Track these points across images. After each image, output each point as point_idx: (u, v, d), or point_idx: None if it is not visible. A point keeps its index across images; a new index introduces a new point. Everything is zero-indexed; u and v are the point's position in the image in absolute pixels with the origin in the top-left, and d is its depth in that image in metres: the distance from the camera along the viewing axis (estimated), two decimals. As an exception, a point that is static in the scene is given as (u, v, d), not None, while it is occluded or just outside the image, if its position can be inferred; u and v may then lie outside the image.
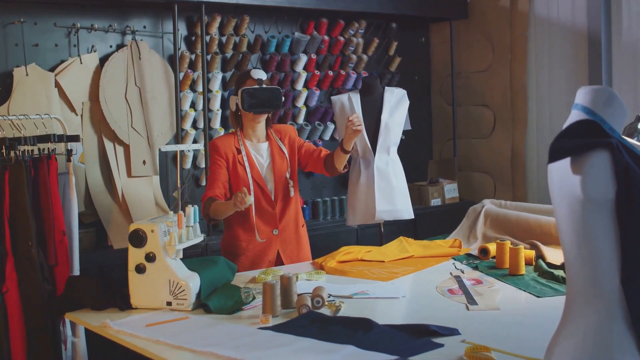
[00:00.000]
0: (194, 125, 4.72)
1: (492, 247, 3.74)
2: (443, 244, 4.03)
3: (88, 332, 3.65)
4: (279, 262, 3.72)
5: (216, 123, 4.79)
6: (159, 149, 4.09)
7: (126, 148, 4.34)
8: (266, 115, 3.67)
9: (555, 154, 1.60)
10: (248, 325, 2.63)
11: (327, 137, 5.40)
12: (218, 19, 4.71)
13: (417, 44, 6.09)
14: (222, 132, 4.80)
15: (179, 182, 2.92)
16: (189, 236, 2.94)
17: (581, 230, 1.65)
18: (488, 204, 4.39)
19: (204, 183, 4.76)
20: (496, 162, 5.74)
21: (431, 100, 6.16)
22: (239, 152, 3.61)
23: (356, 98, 4.49)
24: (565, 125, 1.74)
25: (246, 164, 3.59)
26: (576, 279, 1.72)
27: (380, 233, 4.58)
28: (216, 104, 4.79)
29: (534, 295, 3.00)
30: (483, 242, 4.05)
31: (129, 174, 4.33)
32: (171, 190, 4.64)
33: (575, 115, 1.73)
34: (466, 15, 5.79)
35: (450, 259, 3.78)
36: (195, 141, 4.70)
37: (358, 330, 2.48)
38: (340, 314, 2.74)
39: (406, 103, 4.57)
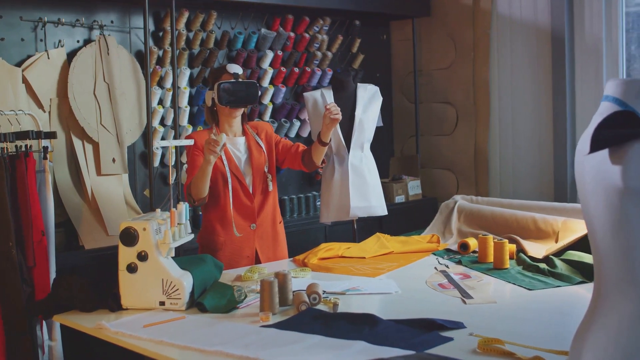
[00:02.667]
0: (162, 122, 4.63)
1: (472, 242, 3.78)
2: (421, 239, 4.04)
3: (64, 336, 3.55)
4: (256, 259, 3.68)
5: (184, 120, 4.71)
6: (154, 145, 3.99)
7: (95, 146, 4.22)
8: (242, 109, 3.65)
9: (598, 144, 1.61)
10: (249, 324, 2.59)
11: (292, 134, 5.36)
12: (186, 15, 4.63)
13: (379, 41, 6.10)
14: (190, 129, 4.72)
15: (170, 179, 2.84)
16: (181, 234, 2.87)
17: (618, 220, 1.66)
18: (460, 200, 4.43)
19: (172, 181, 4.66)
20: (459, 159, 5.79)
21: (392, 98, 6.18)
22: None
23: (329, 94, 4.47)
24: (596, 116, 1.76)
25: (223, 156, 3.56)
26: (609, 269, 1.72)
27: (354, 230, 4.57)
28: (184, 101, 4.70)
29: (525, 288, 3.03)
30: (459, 237, 4.08)
31: (99, 173, 4.21)
32: (140, 189, 4.54)
33: (606, 107, 1.74)
34: (428, 14, 5.83)
35: (430, 254, 3.80)
36: (163, 138, 4.61)
37: (364, 326, 2.47)
38: (339, 310, 2.72)
39: (379, 99, 4.57)
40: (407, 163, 5.88)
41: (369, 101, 4.51)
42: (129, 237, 2.76)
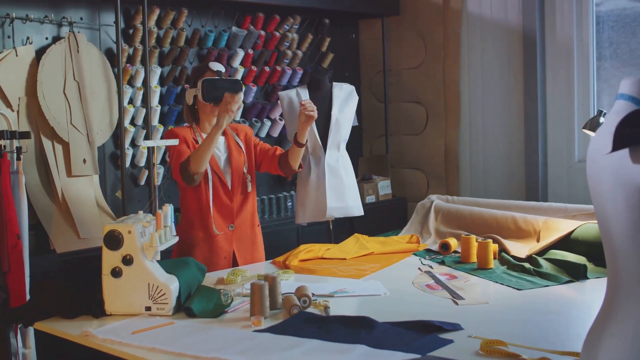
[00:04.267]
0: (132, 122, 4.51)
1: (453, 242, 3.76)
2: (400, 239, 4.01)
3: (38, 343, 3.43)
4: (233, 260, 3.62)
5: (155, 119, 4.60)
6: (141, 145, 3.89)
7: (65, 146, 4.08)
8: None
9: (620, 142, 1.58)
10: (241, 328, 2.52)
11: (263, 134, 5.29)
12: (157, 12, 4.53)
13: (348, 40, 6.06)
14: (161, 129, 4.62)
15: (155, 180, 2.75)
16: (166, 237, 2.79)
17: (638, 219, 1.64)
18: (436, 200, 4.41)
19: (143, 182, 4.56)
20: (429, 159, 5.78)
21: (361, 97, 6.14)
22: (196, 142, 3.51)
23: (304, 93, 4.41)
24: (611, 115, 1.74)
25: None
26: (627, 271, 1.69)
27: (329, 230, 4.52)
28: (155, 100, 4.60)
29: (514, 288, 3.02)
30: (437, 237, 4.06)
31: (69, 174, 4.08)
32: (110, 191, 4.42)
33: (622, 105, 1.73)
34: (398, 12, 5.81)
35: (411, 254, 3.77)
36: (133, 139, 4.50)
37: (360, 329, 2.42)
38: (331, 313, 2.66)
39: (355, 99, 4.53)
40: (376, 163, 5.85)
41: (345, 100, 4.47)
42: (114, 240, 2.66)
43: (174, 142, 3.01)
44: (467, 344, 2.27)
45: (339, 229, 4.71)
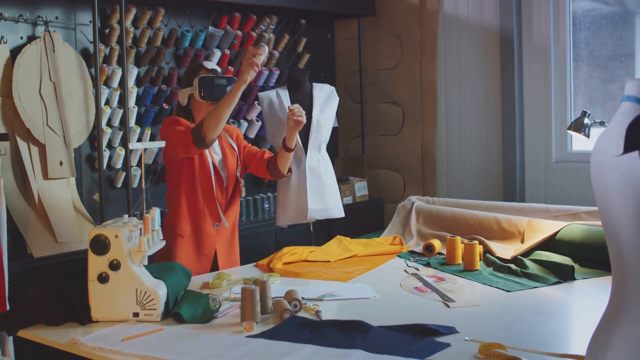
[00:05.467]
0: (108, 123, 4.43)
1: (437, 243, 3.75)
2: (383, 241, 3.99)
3: (17, 350, 3.35)
4: (214, 260, 3.61)
5: (132, 121, 4.52)
6: (129, 148, 3.81)
7: (41, 148, 3.99)
8: None
9: (632, 144, 1.57)
10: (232, 334, 2.47)
11: (240, 135, 5.23)
12: (133, 11, 4.45)
13: (324, 40, 6.03)
14: (138, 130, 4.54)
15: (143, 183, 2.70)
16: (154, 241, 2.73)
17: (647, 223, 1.63)
18: (417, 201, 4.40)
19: (119, 184, 4.47)
20: (405, 160, 5.77)
21: (336, 98, 6.11)
22: None
23: (285, 94, 4.37)
24: (617, 116, 1.73)
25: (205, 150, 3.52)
26: (634, 274, 1.68)
27: (310, 232, 4.48)
28: (132, 101, 4.52)
29: (502, 289, 3.01)
30: (419, 238, 4.05)
31: (45, 176, 3.99)
32: (86, 193, 4.33)
33: (629, 107, 1.72)
34: (374, 13, 5.79)
35: (395, 256, 3.75)
36: (110, 140, 4.42)
37: (355, 334, 2.39)
38: (323, 317, 2.63)
39: (336, 100, 4.50)
40: (352, 164, 5.83)
41: (325, 101, 4.44)
42: (100, 245, 2.60)
43: (160, 144, 2.96)
44: (465, 347, 2.26)
45: (317, 231, 4.67)
